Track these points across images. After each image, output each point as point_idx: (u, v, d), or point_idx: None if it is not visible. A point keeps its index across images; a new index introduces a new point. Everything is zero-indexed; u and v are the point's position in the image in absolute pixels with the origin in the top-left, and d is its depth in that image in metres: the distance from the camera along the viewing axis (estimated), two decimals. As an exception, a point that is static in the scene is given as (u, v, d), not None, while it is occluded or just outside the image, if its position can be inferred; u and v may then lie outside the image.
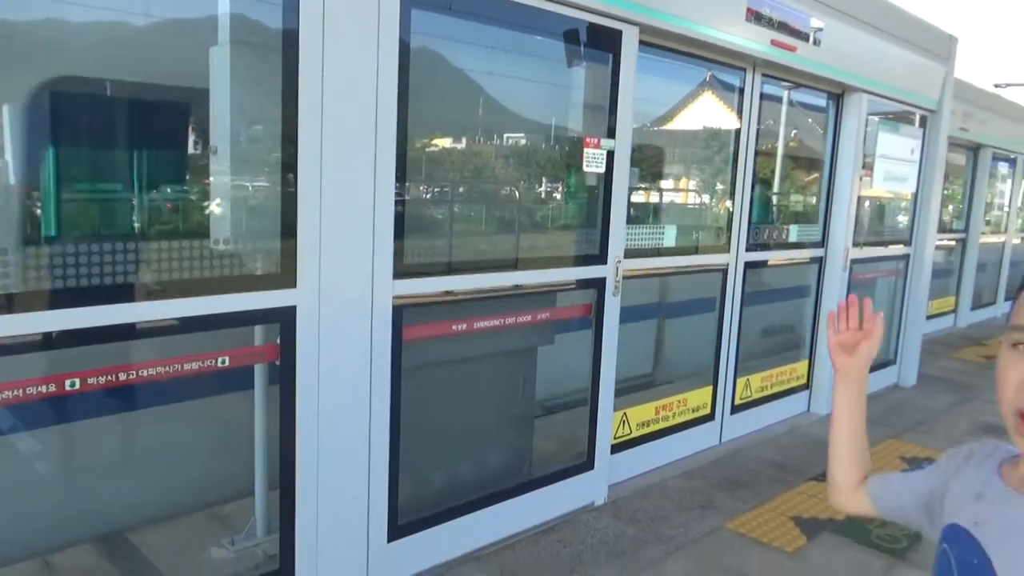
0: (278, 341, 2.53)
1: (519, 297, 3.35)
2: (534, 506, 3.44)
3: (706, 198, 5.02)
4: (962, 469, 1.08)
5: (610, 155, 3.51)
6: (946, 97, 6.18)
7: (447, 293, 3.05)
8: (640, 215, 4.42)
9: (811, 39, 4.56)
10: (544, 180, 3.78)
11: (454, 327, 3.13)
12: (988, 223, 10.29)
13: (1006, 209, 10.75)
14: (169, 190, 3.01)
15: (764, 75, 4.56)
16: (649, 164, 4.60)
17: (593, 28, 3.38)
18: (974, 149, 9.43)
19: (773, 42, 4.30)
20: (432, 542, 3.04)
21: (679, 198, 5.03)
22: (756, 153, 4.58)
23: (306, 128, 2.42)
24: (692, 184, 5.04)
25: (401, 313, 2.80)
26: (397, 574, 2.92)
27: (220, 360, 2.47)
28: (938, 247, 9.30)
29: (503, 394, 3.59)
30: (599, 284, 3.61)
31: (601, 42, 3.46)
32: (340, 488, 2.68)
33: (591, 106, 3.64)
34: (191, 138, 2.86)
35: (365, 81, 2.56)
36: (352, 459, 2.71)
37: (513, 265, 3.38)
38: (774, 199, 5.45)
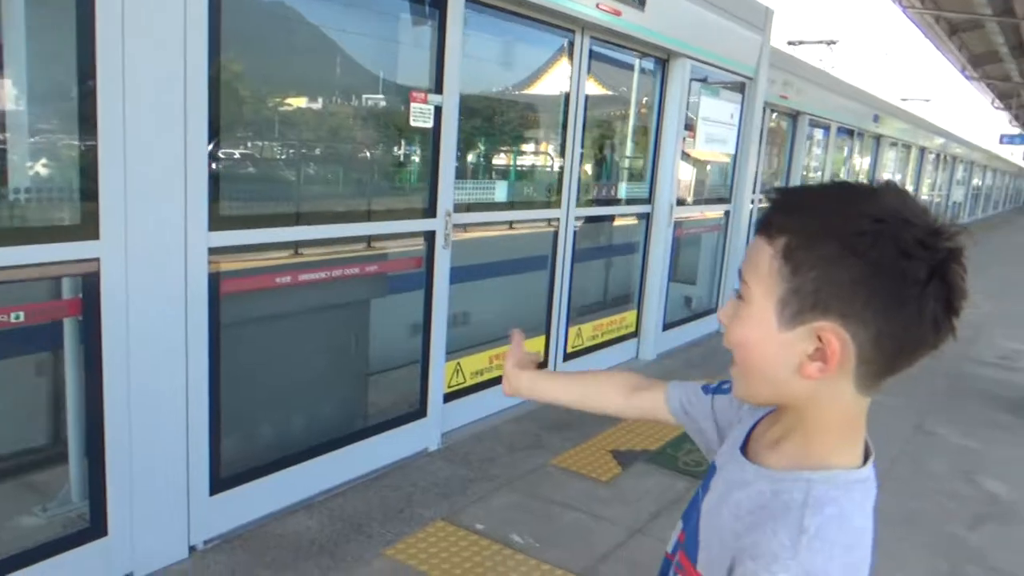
0: (79, 296, 2.44)
1: (344, 249, 3.38)
2: (366, 454, 3.52)
3: (540, 158, 5.21)
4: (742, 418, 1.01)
5: (438, 110, 3.58)
6: (762, 65, 6.69)
7: (271, 246, 3.03)
8: (475, 172, 4.52)
9: (636, 4, 4.79)
10: (373, 135, 3.79)
11: (277, 280, 3.12)
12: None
13: (821, 173, 11.81)
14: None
15: (593, 38, 4.76)
16: (485, 123, 4.71)
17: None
18: (794, 116, 10.26)
19: (599, 6, 4.49)
20: (259, 493, 3.06)
21: (514, 157, 5.19)
22: (585, 114, 4.79)
23: (106, 70, 2.31)
24: (527, 144, 5.21)
25: (219, 266, 2.77)
26: (222, 526, 2.92)
27: (14, 315, 2.35)
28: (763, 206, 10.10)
29: (335, 346, 3.62)
30: (429, 237, 3.70)
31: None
32: (155, 444, 2.63)
33: (419, 62, 3.67)
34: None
35: (170, 22, 2.47)
36: (168, 415, 2.67)
37: (340, 218, 3.40)
38: (604, 159, 5.72)
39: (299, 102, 3.62)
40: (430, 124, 3.59)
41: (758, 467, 0.82)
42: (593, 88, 5.06)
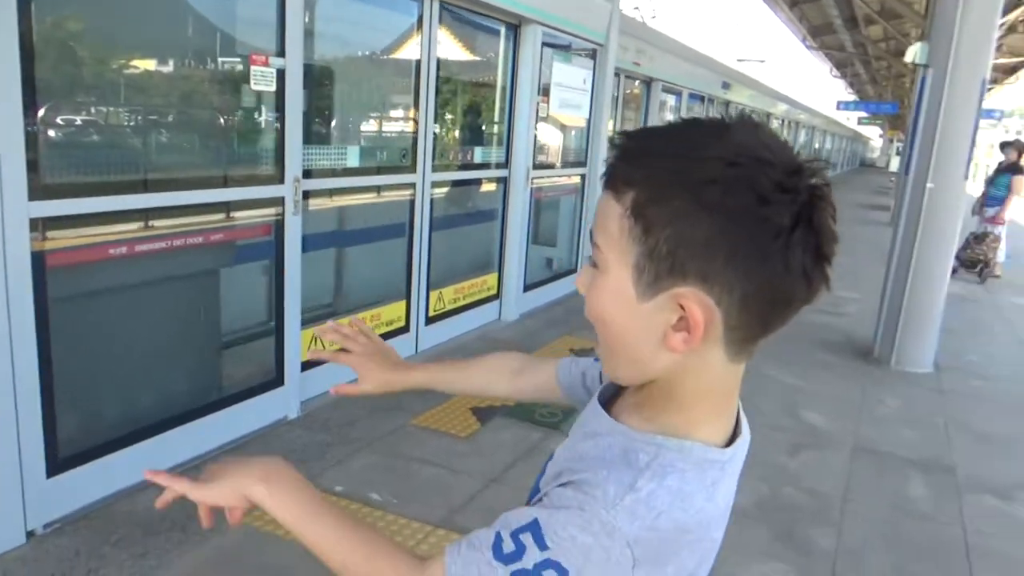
0: None
1: (189, 219, 3.28)
2: (222, 426, 3.47)
3: (394, 123, 5.19)
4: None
5: (281, 73, 3.51)
6: (612, 32, 6.92)
7: (109, 216, 2.90)
8: (326, 137, 4.46)
9: (484, -31, 4.84)
10: (217, 99, 3.66)
11: (112, 251, 2.99)
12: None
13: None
14: None
15: (443, 3, 4.77)
16: (337, 87, 4.64)
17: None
18: (647, 82, 10.70)
19: (447, -31, 4.51)
20: (105, 472, 2.96)
21: (367, 123, 5.15)
22: (438, 79, 4.82)
23: None
24: (381, 109, 5.18)
25: (44, 236, 2.63)
26: (63, 508, 2.82)
27: None
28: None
29: (182, 318, 3.52)
30: (279, 204, 3.64)
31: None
32: (-20, 427, 2.50)
33: (260, 23, 3.57)
34: None
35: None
36: (-7, 396, 2.53)
37: (182, 185, 3.29)
38: (460, 124, 5.78)
39: (136, 64, 3.44)
40: (272, 88, 3.51)
41: (614, 422, 0.75)
42: (446, 53, 5.09)
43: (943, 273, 5.47)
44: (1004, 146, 9.87)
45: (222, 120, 3.65)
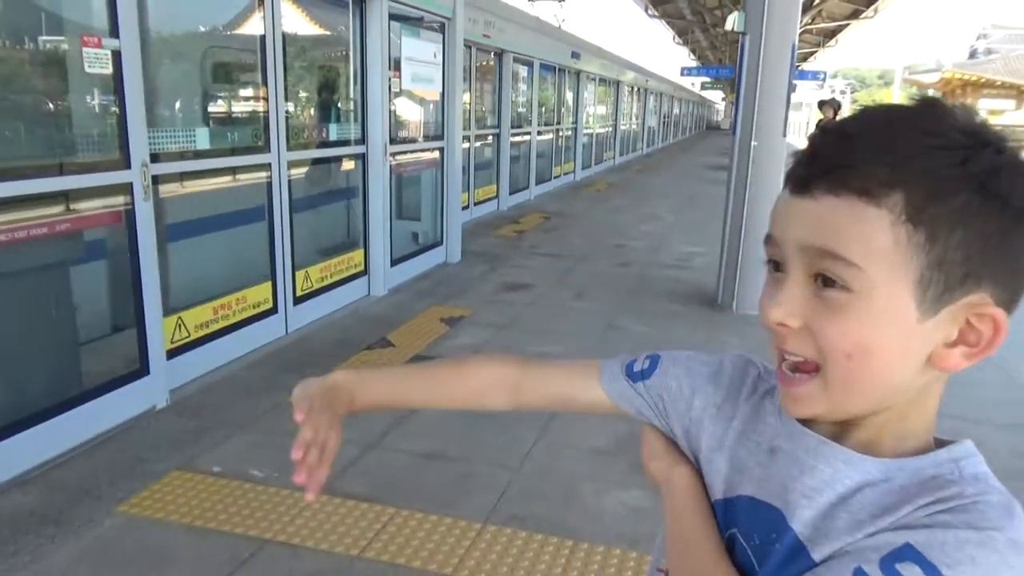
0: None
1: (33, 211, 3.15)
2: (84, 421, 3.38)
3: (244, 103, 5.11)
4: (722, 400, 0.80)
5: (116, 55, 3.40)
6: (458, 5, 7.05)
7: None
8: (172, 120, 4.35)
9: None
10: (52, 84, 3.51)
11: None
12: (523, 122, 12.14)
13: (529, 107, 12.75)
14: None
15: (285, -21, 4.73)
16: (181, 66, 4.51)
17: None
18: (499, 54, 10.91)
19: (286, -56, 4.47)
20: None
21: (217, 103, 5.04)
22: (284, 55, 4.78)
23: None
24: (228, 88, 5.07)
25: None
26: (-83, 519, 2.70)
27: None
28: (482, 143, 10.72)
29: (30, 314, 3.38)
30: (127, 190, 3.55)
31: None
32: None
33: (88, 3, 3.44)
34: None
35: None
36: None
37: (16, 174, 3.14)
38: (313, 101, 5.76)
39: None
40: (108, 70, 3.41)
41: (880, 459, 0.63)
42: (293, 28, 5.05)
43: (771, 222, 6.05)
44: (821, 104, 10.88)
45: (64, 106, 3.50)
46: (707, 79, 36.24)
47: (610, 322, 5.69)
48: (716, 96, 62.58)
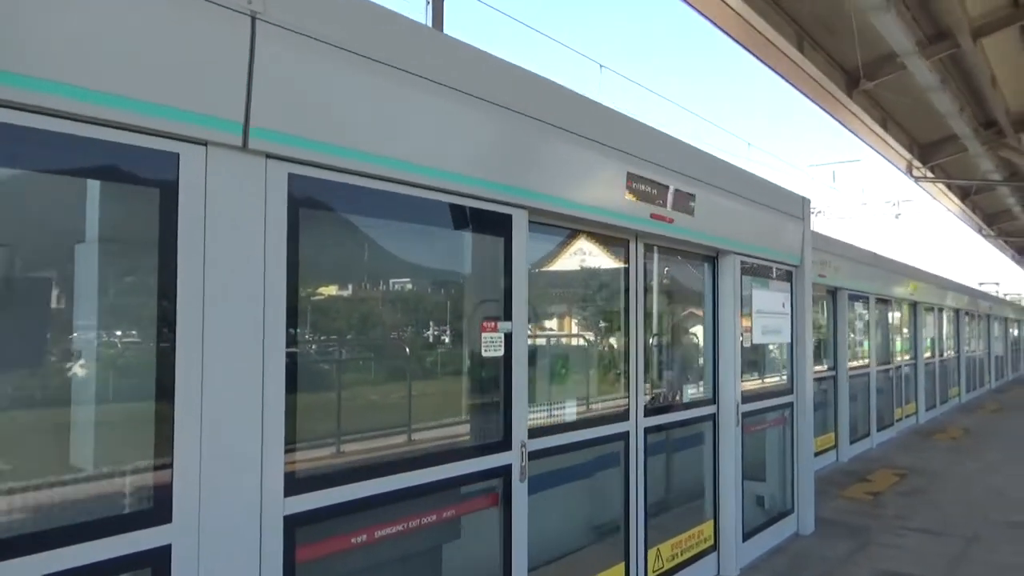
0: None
1: (420, 497, 3.11)
2: None
3: (603, 368, 5.04)
4: None
5: (507, 337, 3.46)
6: (806, 251, 6.68)
7: (344, 505, 2.77)
8: (544, 393, 4.34)
9: (686, 210, 4.83)
10: (441, 367, 3.67)
11: (353, 539, 2.84)
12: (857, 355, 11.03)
13: (866, 342, 11.58)
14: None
15: (646, 244, 4.75)
16: (552, 342, 4.60)
17: (485, 214, 3.41)
18: (832, 292, 10.21)
19: (652, 215, 4.51)
20: None
21: (578, 372, 5.03)
22: (645, 319, 4.68)
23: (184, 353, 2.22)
24: (589, 355, 5.08)
25: (294, 534, 2.51)
26: None
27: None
28: (816, 386, 9.78)
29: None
30: (505, 471, 3.44)
31: (493, 226, 3.48)
32: None
33: (488, 289, 3.61)
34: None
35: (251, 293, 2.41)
36: None
37: (414, 463, 3.16)
38: (664, 362, 5.55)
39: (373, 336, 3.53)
40: (501, 353, 3.45)
41: None
42: (649, 292, 4.99)
43: None
44: None
45: (450, 389, 3.60)
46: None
47: None
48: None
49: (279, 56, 2.50)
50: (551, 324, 4.60)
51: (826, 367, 10.05)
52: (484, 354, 3.38)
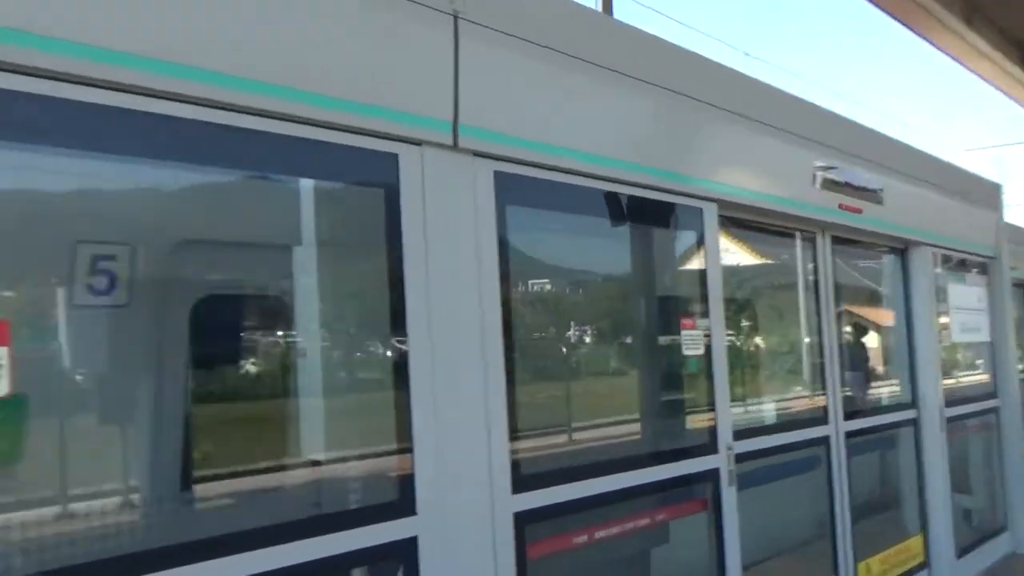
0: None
1: (635, 498, 3.03)
2: None
3: (796, 366, 4.78)
4: None
5: (707, 334, 3.34)
6: (1003, 243, 6.11)
7: (567, 503, 2.74)
8: (744, 395, 4.16)
9: (875, 199, 4.53)
10: (638, 362, 3.59)
11: (574, 539, 2.79)
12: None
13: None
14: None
15: (833, 237, 4.48)
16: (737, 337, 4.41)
17: (677, 207, 3.32)
18: None
19: (841, 206, 4.26)
20: None
21: (774, 371, 4.80)
22: (839, 315, 4.41)
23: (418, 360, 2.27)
24: (783, 355, 4.84)
25: (523, 531, 2.50)
26: None
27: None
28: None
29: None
30: (712, 476, 3.29)
31: (684, 221, 3.39)
32: None
33: (683, 284, 3.51)
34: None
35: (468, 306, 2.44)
36: None
37: (628, 463, 3.07)
38: (857, 362, 5.20)
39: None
40: (701, 351, 3.33)
41: None
42: (840, 288, 4.70)
43: None
44: None
45: (653, 389, 3.51)
46: None
47: None
48: None
49: (480, 53, 2.51)
50: (744, 322, 4.41)
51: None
52: (685, 352, 3.27)
